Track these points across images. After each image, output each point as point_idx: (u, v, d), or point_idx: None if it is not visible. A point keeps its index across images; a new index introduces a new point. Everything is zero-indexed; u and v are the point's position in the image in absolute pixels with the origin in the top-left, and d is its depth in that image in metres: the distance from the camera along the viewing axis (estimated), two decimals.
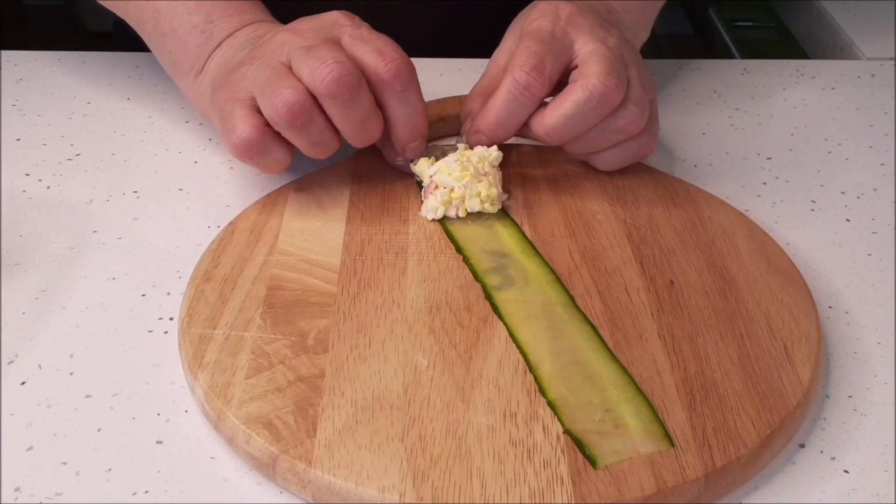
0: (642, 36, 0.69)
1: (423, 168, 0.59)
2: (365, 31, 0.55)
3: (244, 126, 0.54)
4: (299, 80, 0.53)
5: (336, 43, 0.55)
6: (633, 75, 0.58)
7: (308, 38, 0.55)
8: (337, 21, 0.56)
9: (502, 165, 0.61)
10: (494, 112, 0.58)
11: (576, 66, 0.58)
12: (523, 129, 0.59)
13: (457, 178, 0.57)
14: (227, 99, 0.55)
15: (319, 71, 0.52)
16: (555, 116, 0.56)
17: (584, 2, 0.62)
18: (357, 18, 0.56)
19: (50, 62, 0.76)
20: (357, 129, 0.55)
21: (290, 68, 0.54)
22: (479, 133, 0.59)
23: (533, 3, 0.63)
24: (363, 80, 0.53)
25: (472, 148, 0.59)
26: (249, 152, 0.54)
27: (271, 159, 0.55)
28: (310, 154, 0.56)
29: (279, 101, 0.52)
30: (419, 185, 0.60)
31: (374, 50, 0.54)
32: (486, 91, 0.61)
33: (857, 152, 0.69)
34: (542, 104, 0.58)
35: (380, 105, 0.56)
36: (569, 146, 0.59)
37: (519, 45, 0.58)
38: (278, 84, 0.53)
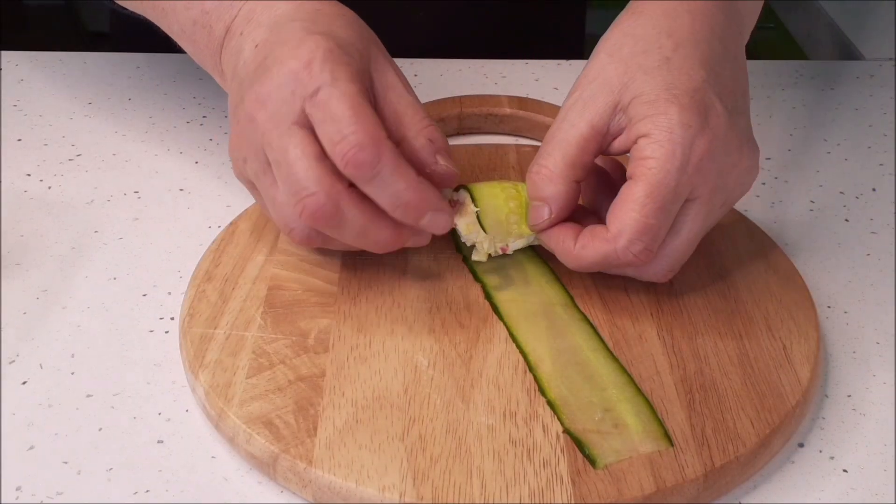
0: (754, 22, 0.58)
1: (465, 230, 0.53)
2: (323, 94, 0.46)
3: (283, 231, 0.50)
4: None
5: (304, 120, 0.47)
6: (698, 212, 0.49)
7: (274, 122, 0.47)
8: (297, 80, 0.47)
9: (501, 167, 0.61)
10: (582, 262, 0.49)
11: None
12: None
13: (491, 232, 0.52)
14: (247, 185, 0.52)
15: (291, 203, 0.47)
16: (582, 263, 0.50)
17: (721, 55, 0.51)
18: (316, 67, 0.47)
19: (51, 62, 0.76)
20: (362, 244, 0.49)
21: (271, 172, 0.48)
22: (560, 261, 0.51)
23: (660, 35, 0.50)
24: (344, 200, 0.47)
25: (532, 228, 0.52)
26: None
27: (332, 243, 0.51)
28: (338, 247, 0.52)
29: (290, 236, 0.49)
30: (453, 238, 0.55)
31: (329, 132, 0.46)
32: (572, 171, 0.50)
33: (857, 152, 0.69)
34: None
35: None
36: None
37: (634, 197, 0.47)
38: (279, 207, 0.48)
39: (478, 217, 0.52)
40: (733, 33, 0.52)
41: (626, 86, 0.49)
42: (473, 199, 0.52)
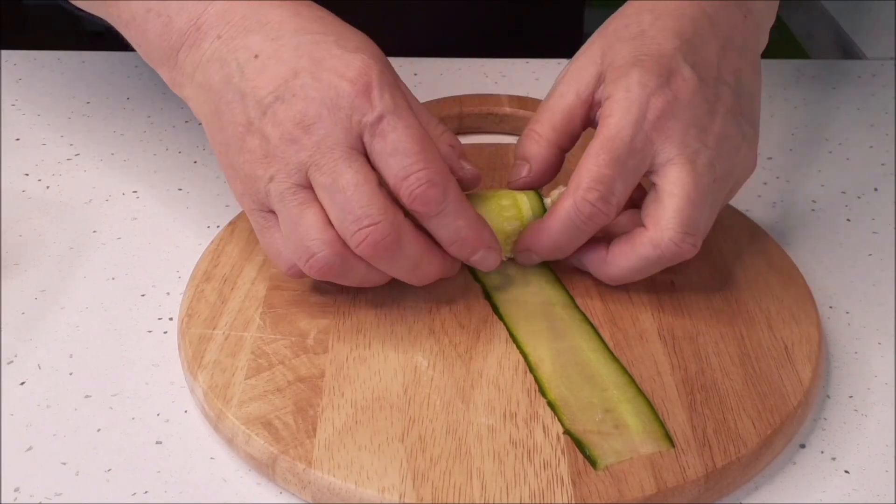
0: (771, 21, 0.58)
1: None
2: (386, 124, 0.46)
3: (286, 260, 0.48)
4: (327, 216, 0.46)
5: (359, 146, 0.46)
6: (722, 189, 0.50)
7: (326, 146, 0.45)
8: (354, 106, 0.46)
9: (502, 166, 0.61)
10: (551, 237, 0.50)
11: (652, 184, 0.50)
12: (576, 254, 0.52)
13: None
14: (248, 206, 0.49)
15: (351, 229, 0.45)
16: (618, 269, 0.50)
17: (705, 31, 0.51)
18: (375, 93, 0.46)
19: (49, 62, 0.76)
20: (410, 277, 0.48)
21: (312, 192, 0.46)
22: (530, 252, 0.51)
23: (641, 20, 0.52)
24: (404, 228, 0.46)
25: (517, 260, 0.53)
26: (300, 279, 0.50)
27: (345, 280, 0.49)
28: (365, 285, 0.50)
29: (309, 263, 0.46)
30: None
31: (395, 167, 0.46)
32: (555, 135, 0.52)
33: (858, 152, 0.69)
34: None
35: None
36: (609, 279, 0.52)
37: (590, 152, 0.48)
38: (304, 230, 0.46)
39: None
40: (731, 16, 0.53)
41: (605, 55, 0.51)
42: None
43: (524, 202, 0.51)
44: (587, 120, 0.52)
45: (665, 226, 0.48)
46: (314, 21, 0.49)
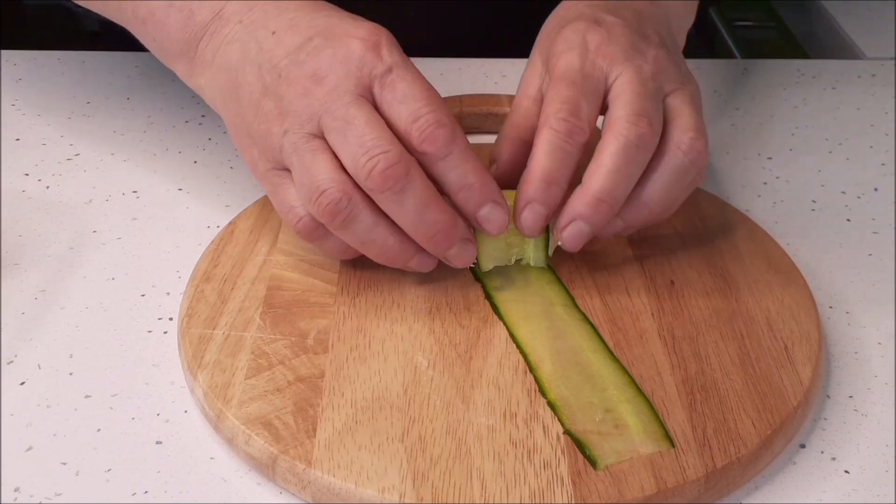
0: (687, 21, 0.63)
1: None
2: (395, 75, 0.48)
3: (297, 213, 0.49)
4: (338, 162, 0.47)
5: (368, 97, 0.48)
6: (684, 99, 0.52)
7: (337, 93, 0.47)
8: (364, 60, 0.48)
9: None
10: (540, 168, 0.49)
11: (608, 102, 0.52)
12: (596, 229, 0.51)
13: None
14: (263, 168, 0.50)
15: (361, 161, 0.46)
16: (599, 177, 0.49)
17: (615, 6, 0.56)
18: (384, 50, 0.48)
19: (49, 62, 0.76)
20: (418, 225, 0.48)
21: (325, 141, 0.48)
22: (532, 203, 0.50)
23: (559, 16, 0.57)
24: (413, 164, 0.47)
25: (522, 228, 0.50)
26: (311, 237, 0.50)
27: (329, 247, 0.51)
28: (374, 258, 0.50)
29: (318, 200, 0.47)
30: (473, 274, 0.53)
31: (405, 112, 0.47)
32: (517, 131, 0.55)
33: (858, 152, 0.69)
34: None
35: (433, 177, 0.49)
36: (652, 216, 0.52)
37: (548, 91, 0.51)
38: (315, 173, 0.47)
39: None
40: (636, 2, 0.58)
41: (542, 53, 0.56)
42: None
43: (510, 198, 0.51)
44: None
45: (618, 115, 0.50)
46: (331, 8, 0.52)
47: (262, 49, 0.50)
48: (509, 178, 0.53)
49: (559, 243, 0.51)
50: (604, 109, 0.52)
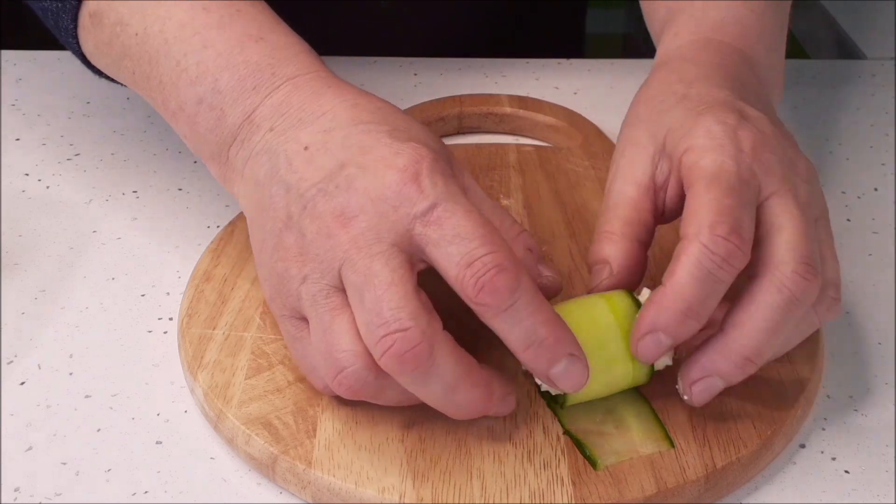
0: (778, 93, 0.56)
1: None
2: (441, 211, 0.40)
3: (321, 379, 0.43)
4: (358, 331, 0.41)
5: (404, 244, 0.41)
6: (823, 235, 0.45)
7: (363, 241, 0.41)
8: (401, 196, 0.41)
9: (501, 166, 0.61)
10: (682, 296, 0.41)
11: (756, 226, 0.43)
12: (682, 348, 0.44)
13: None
14: (279, 312, 0.44)
15: (376, 335, 0.39)
16: (752, 333, 0.42)
17: (740, 86, 0.48)
18: (426, 180, 0.41)
19: (49, 62, 0.76)
20: (446, 405, 0.42)
21: (345, 301, 0.41)
22: (658, 333, 0.42)
23: (675, 92, 0.48)
24: (439, 343, 0.40)
25: (636, 353, 0.43)
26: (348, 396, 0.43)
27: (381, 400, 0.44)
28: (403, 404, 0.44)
29: (338, 379, 0.41)
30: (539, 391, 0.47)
31: (456, 254, 0.40)
32: (631, 229, 0.46)
33: (858, 152, 0.69)
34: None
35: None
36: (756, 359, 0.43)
37: (697, 194, 0.42)
38: (334, 340, 0.41)
39: None
40: (747, 72, 0.52)
41: (654, 135, 0.47)
42: None
43: (618, 301, 0.44)
44: (656, 208, 0.47)
45: (781, 259, 0.42)
46: (371, 112, 0.45)
47: (292, 167, 0.43)
48: (624, 283, 0.46)
49: (684, 397, 0.44)
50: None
